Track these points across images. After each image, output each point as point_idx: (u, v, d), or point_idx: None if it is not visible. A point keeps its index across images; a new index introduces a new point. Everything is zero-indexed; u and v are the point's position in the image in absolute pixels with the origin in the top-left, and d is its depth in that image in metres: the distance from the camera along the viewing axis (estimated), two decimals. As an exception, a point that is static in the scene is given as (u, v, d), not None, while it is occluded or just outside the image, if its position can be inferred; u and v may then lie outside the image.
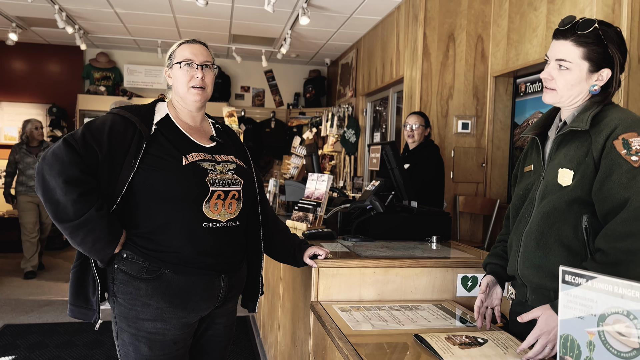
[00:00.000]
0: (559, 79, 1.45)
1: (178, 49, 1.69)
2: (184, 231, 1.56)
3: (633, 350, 1.02)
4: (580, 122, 1.42)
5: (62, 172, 1.45)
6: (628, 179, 1.30)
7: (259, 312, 3.75)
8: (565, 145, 1.47)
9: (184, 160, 1.59)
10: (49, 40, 7.15)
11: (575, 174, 1.41)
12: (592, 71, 1.43)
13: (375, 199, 2.32)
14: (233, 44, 6.79)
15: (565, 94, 1.46)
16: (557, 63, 1.45)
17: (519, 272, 1.51)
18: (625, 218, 1.29)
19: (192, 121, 1.72)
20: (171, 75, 1.70)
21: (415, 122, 3.51)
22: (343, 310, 1.68)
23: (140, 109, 1.64)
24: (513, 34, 3.90)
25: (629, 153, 1.32)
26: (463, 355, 1.29)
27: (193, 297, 1.59)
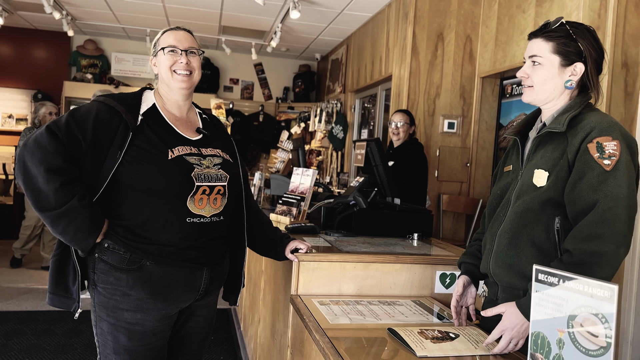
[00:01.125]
0: (534, 75, 1.49)
1: (162, 37, 1.67)
2: (167, 225, 1.55)
3: (600, 348, 1.05)
4: (557, 124, 1.45)
5: (44, 161, 1.42)
6: (599, 182, 1.33)
7: (240, 304, 3.75)
8: (543, 147, 1.49)
9: (170, 154, 1.57)
10: (36, 25, 7.05)
11: (550, 175, 1.43)
12: (564, 65, 1.46)
13: (359, 195, 2.34)
14: (223, 36, 6.75)
15: (541, 89, 1.49)
16: (531, 60, 1.50)
17: (491, 271, 1.54)
18: (591, 220, 1.32)
19: (179, 111, 1.70)
20: (156, 63, 1.68)
21: (400, 119, 3.53)
22: (322, 304, 1.69)
23: (126, 98, 1.62)
24: (501, 36, 3.94)
25: (602, 156, 1.35)
26: (434, 349, 1.31)
27: (174, 289, 1.58)
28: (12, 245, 5.37)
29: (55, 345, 3.35)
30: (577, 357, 1.08)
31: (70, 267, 1.59)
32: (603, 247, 1.30)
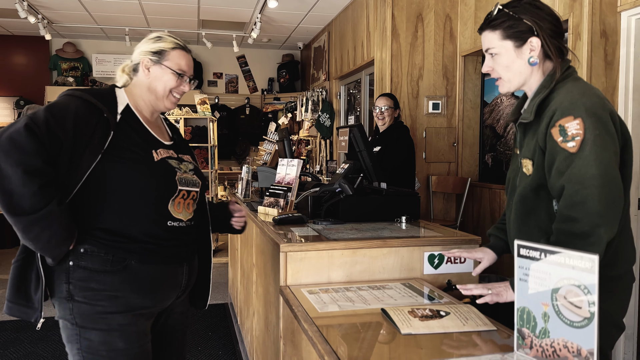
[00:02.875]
0: (496, 67, 1.50)
1: (173, 53, 1.63)
2: (149, 227, 1.53)
3: (584, 319, 1.05)
4: (528, 113, 1.46)
5: (22, 162, 1.32)
6: (565, 166, 1.34)
7: (236, 298, 3.76)
8: (526, 134, 1.50)
9: (155, 155, 1.54)
10: (12, 31, 6.95)
11: (534, 163, 1.45)
12: (519, 46, 1.46)
13: (344, 182, 2.33)
14: (203, 30, 6.69)
15: (508, 76, 1.49)
16: (488, 54, 1.51)
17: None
18: (563, 205, 1.35)
19: (151, 116, 1.66)
20: (153, 70, 1.62)
21: (385, 104, 3.52)
22: (311, 293, 1.69)
23: (103, 95, 1.55)
24: (480, 13, 3.92)
25: (565, 140, 1.35)
26: (421, 327, 1.31)
27: (160, 286, 1.57)
28: None
29: (52, 352, 3.34)
30: (562, 329, 1.08)
31: (33, 275, 1.49)
32: (577, 229, 1.31)
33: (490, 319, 1.41)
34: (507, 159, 3.90)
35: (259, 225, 2.36)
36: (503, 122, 3.93)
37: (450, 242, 1.94)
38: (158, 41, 1.64)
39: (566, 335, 1.08)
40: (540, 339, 1.13)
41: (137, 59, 1.64)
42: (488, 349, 1.23)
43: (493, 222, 3.88)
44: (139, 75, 1.63)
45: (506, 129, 3.90)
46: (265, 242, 2.26)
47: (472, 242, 1.96)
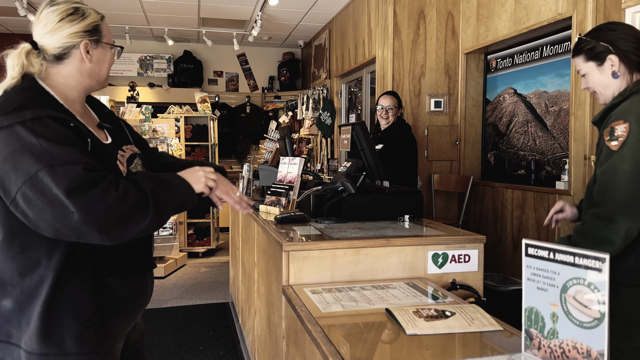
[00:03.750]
0: (589, 84, 1.77)
1: (104, 24, 1.37)
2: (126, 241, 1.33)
3: (594, 320, 1.03)
4: (598, 115, 1.72)
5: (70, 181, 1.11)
6: (605, 160, 1.59)
7: (237, 297, 3.74)
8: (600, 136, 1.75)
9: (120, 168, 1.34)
10: (12, 30, 6.92)
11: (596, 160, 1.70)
12: (600, 64, 1.72)
13: (347, 180, 2.31)
14: (203, 28, 6.66)
15: (601, 90, 1.75)
16: (580, 75, 1.80)
17: None
18: (595, 192, 1.61)
19: (81, 107, 1.39)
20: (95, 53, 1.34)
21: (389, 104, 3.48)
22: (314, 293, 1.67)
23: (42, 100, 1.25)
24: (483, 10, 3.89)
25: (611, 139, 1.59)
26: (426, 327, 1.29)
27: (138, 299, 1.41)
28: None
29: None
30: (571, 330, 1.06)
31: None
32: (600, 213, 1.56)
33: (496, 319, 1.38)
34: (510, 157, 3.88)
35: (260, 224, 2.34)
36: (506, 120, 3.91)
37: (454, 240, 1.92)
38: (86, 17, 1.33)
39: (575, 336, 1.06)
40: (549, 339, 1.11)
41: (66, 44, 1.31)
42: (495, 349, 1.21)
43: (496, 220, 3.86)
44: (69, 62, 1.32)
45: (509, 127, 3.88)
46: (267, 241, 2.24)
47: (476, 240, 1.94)
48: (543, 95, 3.51)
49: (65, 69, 1.33)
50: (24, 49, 1.31)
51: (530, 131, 3.63)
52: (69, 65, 1.32)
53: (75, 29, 1.31)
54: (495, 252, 3.80)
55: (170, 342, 3.51)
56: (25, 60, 1.30)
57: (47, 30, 1.31)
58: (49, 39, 1.31)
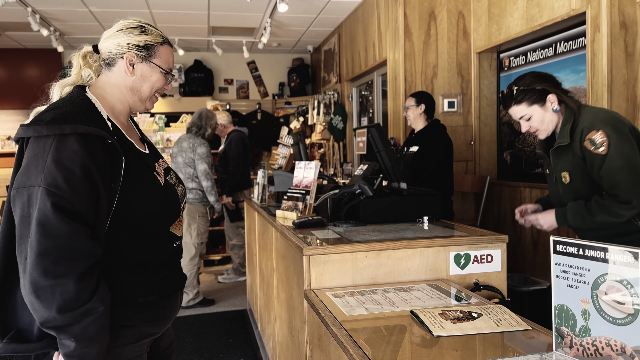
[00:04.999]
0: (533, 124, 2.04)
1: (162, 49, 1.42)
2: (162, 255, 1.40)
3: (628, 316, 1.01)
4: (562, 138, 1.99)
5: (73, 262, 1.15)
6: (601, 164, 1.89)
7: (256, 304, 3.73)
8: (560, 156, 2.05)
9: (159, 178, 1.38)
10: (25, 44, 7.02)
11: (570, 173, 2.01)
12: (543, 104, 2.01)
13: (364, 183, 2.30)
14: (213, 37, 6.70)
15: (544, 127, 2.04)
16: (523, 119, 2.05)
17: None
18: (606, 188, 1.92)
19: (126, 120, 1.44)
20: (139, 68, 1.39)
21: (406, 104, 3.47)
22: (337, 297, 1.66)
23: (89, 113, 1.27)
24: (494, 8, 3.87)
25: (596, 147, 1.89)
26: (453, 329, 1.28)
27: (168, 315, 1.45)
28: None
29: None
30: (604, 327, 1.04)
31: None
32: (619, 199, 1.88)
33: (524, 319, 1.36)
34: (526, 156, 3.84)
35: (279, 230, 2.34)
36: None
37: (476, 241, 1.90)
38: (143, 34, 1.39)
39: (609, 333, 1.04)
40: (581, 337, 1.09)
41: (115, 51, 1.37)
42: (525, 349, 1.19)
43: (514, 220, 3.82)
44: (115, 71, 1.38)
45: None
46: (286, 246, 2.24)
47: (498, 240, 1.91)
48: (558, 92, 3.47)
49: (113, 77, 1.38)
50: (83, 50, 1.39)
51: (546, 129, 3.60)
52: (115, 74, 1.38)
53: (126, 40, 1.38)
54: (515, 252, 3.76)
55: (190, 350, 3.51)
56: (82, 61, 1.37)
57: (107, 37, 1.40)
58: (104, 43, 1.40)
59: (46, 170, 1.16)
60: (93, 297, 1.18)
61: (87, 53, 1.38)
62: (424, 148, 3.31)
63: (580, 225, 1.99)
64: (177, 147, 4.53)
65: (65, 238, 1.14)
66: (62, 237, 1.14)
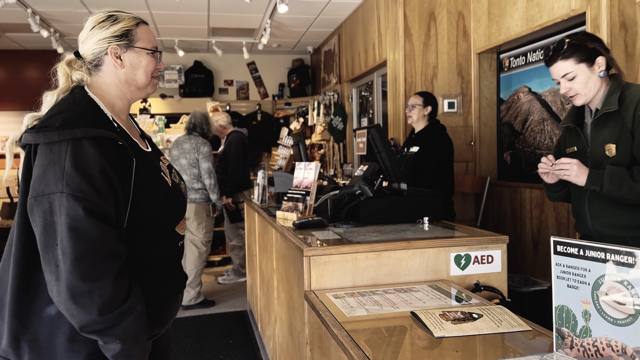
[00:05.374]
0: (574, 86, 1.90)
1: (139, 30, 1.38)
2: (172, 255, 1.42)
3: (629, 316, 1.01)
4: (609, 104, 1.85)
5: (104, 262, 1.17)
6: None
7: (256, 305, 3.73)
8: (604, 126, 1.89)
9: (165, 178, 1.38)
10: (25, 46, 7.03)
11: (617, 145, 1.85)
12: (590, 65, 1.87)
13: (364, 184, 2.30)
14: (213, 38, 6.70)
15: (586, 91, 1.90)
16: (565, 78, 1.91)
17: (593, 232, 1.96)
18: None
19: (126, 117, 1.43)
20: (126, 58, 1.35)
21: (413, 102, 3.43)
22: (337, 298, 1.66)
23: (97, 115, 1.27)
24: (494, 9, 3.87)
25: None
26: (453, 330, 1.28)
27: (171, 314, 1.47)
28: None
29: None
30: (605, 327, 1.04)
31: None
32: None
33: (524, 320, 1.36)
34: (526, 156, 3.84)
35: (279, 230, 2.34)
36: (521, 119, 3.88)
37: (476, 242, 1.90)
38: (116, 22, 1.35)
39: (609, 334, 1.04)
40: (582, 338, 1.08)
41: (97, 50, 1.35)
42: (526, 350, 1.19)
43: (514, 220, 3.82)
44: (105, 70, 1.36)
45: (524, 125, 3.84)
46: (286, 247, 2.24)
47: (499, 241, 1.91)
48: (558, 92, 3.47)
49: (105, 77, 1.36)
50: (66, 59, 1.36)
51: (547, 129, 3.59)
52: (106, 72, 1.36)
53: (103, 35, 1.34)
54: (515, 252, 3.76)
55: (190, 352, 3.51)
56: (68, 68, 1.35)
57: (83, 39, 1.37)
58: (84, 47, 1.37)
59: (66, 176, 1.15)
60: (129, 297, 1.20)
61: (70, 60, 1.36)
62: (425, 148, 3.31)
63: (613, 191, 1.79)
64: (177, 150, 4.53)
65: (99, 241, 1.15)
66: (95, 241, 1.15)
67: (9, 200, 6.97)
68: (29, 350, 1.23)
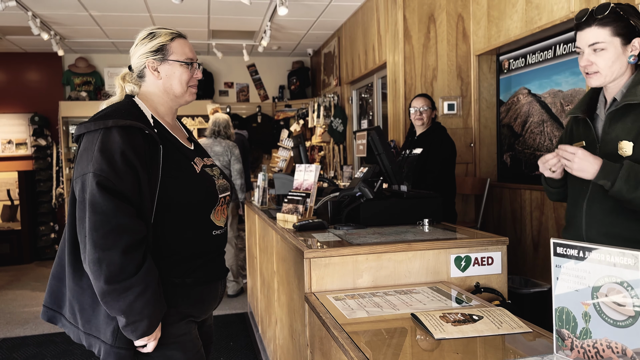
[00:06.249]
0: (599, 61, 1.59)
1: (174, 44, 1.55)
2: (199, 240, 1.52)
3: (629, 318, 1.01)
4: (633, 95, 1.55)
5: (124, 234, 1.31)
6: None
7: (256, 307, 3.73)
8: (620, 120, 1.60)
9: (195, 167, 1.52)
10: (26, 49, 7.03)
11: (635, 144, 1.55)
12: (625, 44, 1.58)
13: (364, 186, 2.30)
14: (213, 40, 6.71)
15: (608, 72, 1.60)
16: (591, 48, 1.60)
17: (585, 240, 1.67)
18: None
19: (172, 120, 1.62)
20: (162, 70, 1.54)
21: (423, 104, 3.42)
22: (337, 300, 1.66)
23: (131, 111, 1.46)
24: (493, 11, 3.88)
25: None
26: (454, 331, 1.28)
27: (207, 301, 1.58)
28: None
29: (76, 366, 3.33)
30: (605, 329, 1.04)
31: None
32: None
33: (524, 321, 1.36)
34: (526, 158, 3.84)
35: (279, 233, 2.34)
36: (521, 121, 3.88)
37: (476, 243, 1.90)
38: (153, 39, 1.54)
39: (610, 335, 1.04)
40: (582, 339, 1.09)
41: (139, 64, 1.56)
42: (526, 352, 1.19)
43: (514, 222, 3.83)
44: (148, 80, 1.56)
45: (524, 127, 3.84)
46: (286, 249, 2.24)
47: (499, 242, 1.92)
48: (558, 94, 3.48)
49: (148, 86, 1.57)
50: (121, 74, 1.58)
51: (547, 131, 3.60)
52: (148, 82, 1.56)
53: (142, 51, 1.55)
54: (515, 254, 3.76)
55: (191, 354, 3.50)
56: (122, 82, 1.57)
57: (132, 54, 1.59)
58: (132, 61, 1.58)
59: (94, 159, 1.33)
60: (138, 272, 1.32)
61: (125, 74, 1.58)
62: (429, 150, 3.31)
63: (625, 192, 1.51)
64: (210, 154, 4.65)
65: (111, 214, 1.29)
66: (107, 213, 1.29)
67: (9, 203, 6.97)
68: (80, 316, 1.43)
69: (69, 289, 1.44)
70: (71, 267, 1.42)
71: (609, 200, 1.60)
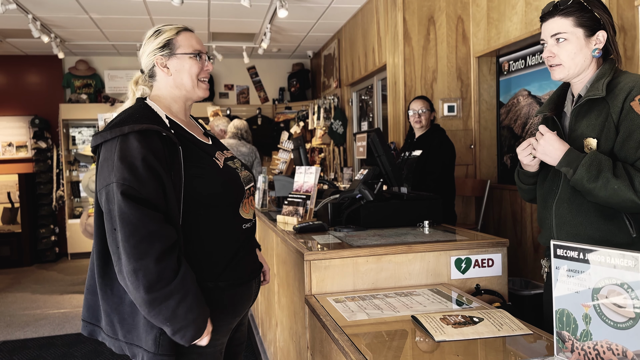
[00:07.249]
0: (561, 52, 1.56)
1: (180, 37, 1.51)
2: (229, 237, 1.49)
3: (629, 320, 1.01)
4: (596, 90, 1.52)
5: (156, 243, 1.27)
6: None
7: (256, 309, 3.73)
8: (585, 116, 1.56)
9: (217, 162, 1.49)
10: (26, 51, 7.04)
11: (599, 140, 1.51)
12: (589, 36, 1.54)
13: (364, 188, 2.30)
14: (213, 42, 6.72)
15: (571, 64, 1.55)
16: (554, 39, 1.56)
17: None
18: None
19: (185, 117, 1.57)
20: (171, 65, 1.50)
21: (422, 107, 3.43)
22: (337, 302, 1.66)
23: (145, 114, 1.42)
24: (493, 13, 3.88)
25: None
26: (454, 333, 1.28)
27: (241, 303, 1.54)
28: None
29: (76, 368, 3.33)
30: (605, 331, 1.04)
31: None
32: None
33: (525, 323, 1.36)
34: (526, 159, 3.84)
35: (279, 235, 2.34)
36: (521, 122, 3.88)
37: (476, 245, 1.90)
38: (159, 35, 1.52)
39: (610, 337, 1.04)
40: (582, 341, 1.08)
41: (148, 63, 1.53)
42: (526, 354, 1.19)
43: (515, 224, 3.82)
44: (158, 78, 1.53)
45: (524, 128, 3.85)
46: (287, 252, 2.24)
47: (499, 244, 1.92)
48: (557, 95, 3.48)
49: (160, 85, 1.54)
50: (134, 78, 1.57)
51: (546, 132, 3.60)
52: (159, 80, 1.53)
53: (150, 49, 1.52)
54: (515, 256, 3.76)
55: (191, 356, 3.50)
56: (134, 86, 1.55)
57: (140, 55, 1.56)
58: (141, 62, 1.56)
59: (115, 168, 1.30)
60: (176, 278, 1.28)
61: (137, 79, 1.56)
62: (428, 152, 3.32)
63: (586, 181, 1.46)
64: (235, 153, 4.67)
65: (139, 223, 1.26)
66: (136, 223, 1.26)
67: (9, 206, 6.98)
68: (120, 327, 1.39)
69: (104, 300, 1.41)
70: (101, 278, 1.40)
71: (577, 199, 1.56)
